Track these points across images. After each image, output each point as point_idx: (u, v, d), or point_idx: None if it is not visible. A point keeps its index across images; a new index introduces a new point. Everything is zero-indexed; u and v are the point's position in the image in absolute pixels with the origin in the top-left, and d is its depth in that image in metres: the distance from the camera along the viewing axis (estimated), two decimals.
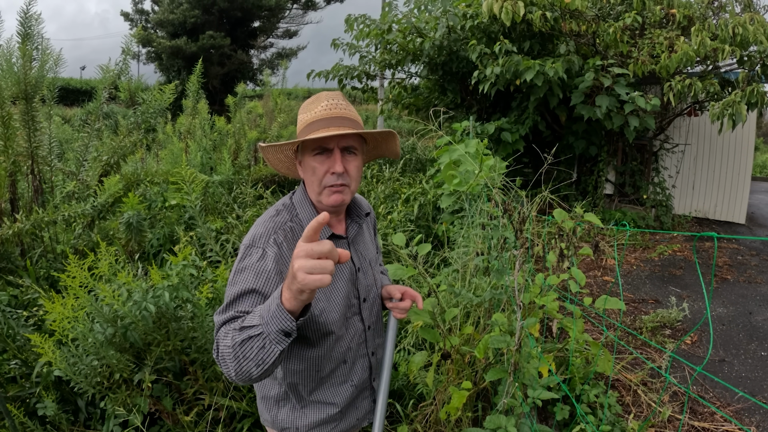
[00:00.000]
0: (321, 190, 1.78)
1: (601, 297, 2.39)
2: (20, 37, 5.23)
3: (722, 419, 3.78)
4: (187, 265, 2.93)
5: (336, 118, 1.76)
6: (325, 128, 1.73)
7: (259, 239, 1.73)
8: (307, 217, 1.83)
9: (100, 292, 2.76)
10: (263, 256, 1.69)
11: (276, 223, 1.78)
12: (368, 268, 2.02)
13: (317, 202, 1.82)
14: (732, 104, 7.20)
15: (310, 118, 1.77)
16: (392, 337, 2.05)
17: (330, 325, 1.82)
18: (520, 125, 9.59)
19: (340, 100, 1.82)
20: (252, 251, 1.71)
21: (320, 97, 1.82)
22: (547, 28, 8.96)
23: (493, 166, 3.77)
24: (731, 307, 6.05)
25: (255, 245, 1.71)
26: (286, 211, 1.85)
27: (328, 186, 1.77)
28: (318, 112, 1.77)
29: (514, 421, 2.06)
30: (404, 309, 2.03)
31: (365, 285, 1.98)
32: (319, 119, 1.75)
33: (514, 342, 2.12)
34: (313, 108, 1.79)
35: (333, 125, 1.75)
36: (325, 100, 1.79)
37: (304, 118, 1.79)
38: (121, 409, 2.90)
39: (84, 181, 5.98)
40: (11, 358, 3.30)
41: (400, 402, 3.62)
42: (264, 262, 1.68)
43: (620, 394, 4.02)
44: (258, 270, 1.66)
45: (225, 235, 5.55)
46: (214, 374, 3.35)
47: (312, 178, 1.78)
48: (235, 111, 10.93)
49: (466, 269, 3.62)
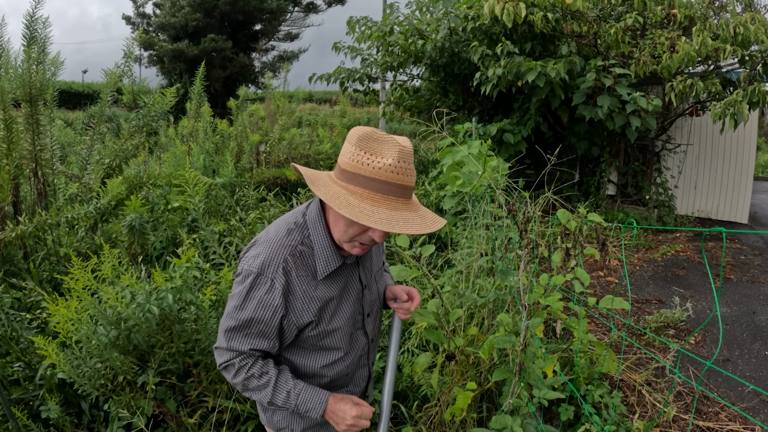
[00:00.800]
0: (348, 241, 1.65)
1: (606, 297, 2.38)
2: (25, 40, 5.23)
3: (727, 418, 3.77)
4: (191, 267, 2.93)
5: (398, 186, 1.54)
6: (388, 196, 1.53)
7: (267, 268, 1.64)
8: (319, 243, 1.70)
9: (103, 295, 2.76)
10: (271, 289, 1.65)
11: (286, 248, 1.67)
12: (373, 284, 1.98)
13: (337, 240, 1.69)
14: (734, 104, 7.19)
15: (372, 169, 1.51)
16: (396, 338, 2.05)
17: (336, 344, 1.84)
18: (522, 126, 9.58)
19: (409, 162, 1.56)
20: (259, 281, 1.65)
21: (389, 145, 1.54)
22: (548, 29, 8.96)
23: (496, 167, 3.77)
24: (735, 307, 6.03)
25: (263, 274, 1.65)
26: (298, 232, 1.71)
27: (359, 243, 1.66)
28: (381, 168, 1.51)
29: (520, 421, 2.05)
30: (408, 310, 2.01)
31: (369, 301, 1.96)
32: (380, 180, 1.52)
33: (520, 342, 2.12)
34: (379, 154, 1.53)
35: (396, 194, 1.54)
36: (392, 157, 1.52)
37: (362, 160, 1.53)
38: (125, 411, 2.89)
39: (87, 183, 5.98)
40: (15, 360, 3.30)
41: (404, 403, 3.61)
42: (272, 296, 1.66)
43: (624, 395, 4.01)
44: (266, 303, 1.66)
45: (228, 237, 5.54)
46: (218, 376, 3.35)
47: (341, 226, 1.63)
48: (237, 114, 10.93)
49: (470, 270, 3.61)
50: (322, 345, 1.81)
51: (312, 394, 1.74)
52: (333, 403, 1.75)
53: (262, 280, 1.65)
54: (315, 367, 1.85)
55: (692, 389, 4.22)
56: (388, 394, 1.97)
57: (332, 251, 1.71)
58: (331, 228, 1.70)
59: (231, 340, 1.73)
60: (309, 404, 1.73)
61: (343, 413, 1.73)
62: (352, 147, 1.55)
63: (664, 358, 4.63)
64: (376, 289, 2.00)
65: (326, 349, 1.83)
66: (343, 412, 1.73)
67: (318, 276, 1.71)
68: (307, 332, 1.76)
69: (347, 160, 1.55)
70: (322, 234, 1.71)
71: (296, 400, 1.72)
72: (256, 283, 1.66)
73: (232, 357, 1.75)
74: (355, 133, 1.58)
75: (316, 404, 1.73)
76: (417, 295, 2.04)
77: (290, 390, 1.73)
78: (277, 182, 9.46)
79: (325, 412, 1.75)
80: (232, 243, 5.39)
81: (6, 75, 5.23)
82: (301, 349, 1.84)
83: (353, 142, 1.55)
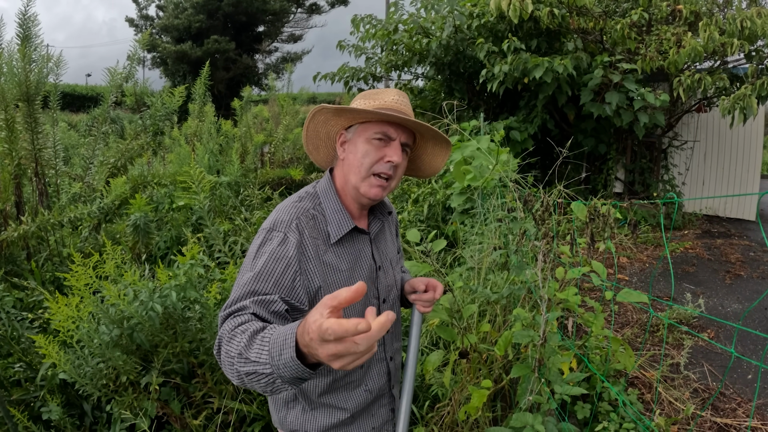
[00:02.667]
0: (367, 176, 1.70)
1: (625, 290, 2.31)
2: (19, 39, 5.18)
3: (744, 415, 3.69)
4: (195, 264, 2.85)
5: (404, 113, 1.71)
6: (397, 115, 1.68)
7: (280, 224, 1.63)
8: (331, 208, 1.74)
9: (105, 292, 2.69)
10: (284, 241, 1.60)
11: (298, 209, 1.68)
12: (389, 268, 1.93)
13: (353, 188, 1.73)
14: (743, 98, 7.12)
15: (379, 104, 1.70)
16: (416, 334, 1.96)
17: None
18: (529, 124, 9.51)
19: (407, 100, 1.77)
20: (273, 235, 1.62)
21: (388, 91, 1.75)
22: (554, 25, 8.88)
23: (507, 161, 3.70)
24: (746, 303, 5.96)
25: (276, 229, 1.62)
26: (309, 199, 1.75)
27: (377, 174, 1.70)
28: (388, 102, 1.71)
29: (541, 418, 1.97)
30: (429, 301, 1.95)
31: (385, 285, 1.88)
32: (390, 108, 1.69)
33: (539, 337, 2.04)
34: (381, 97, 1.73)
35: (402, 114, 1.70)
36: (395, 95, 1.74)
37: (369, 104, 1.72)
38: (128, 412, 2.82)
39: (90, 184, 5.93)
40: (16, 361, 3.23)
41: (415, 403, 3.53)
42: (285, 248, 1.58)
43: (640, 391, 3.93)
44: (278, 255, 1.57)
45: (233, 237, 5.49)
46: (224, 377, 3.27)
47: (361, 160, 1.69)
48: (242, 114, 10.88)
49: (482, 266, 3.53)
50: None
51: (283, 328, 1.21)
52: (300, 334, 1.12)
53: (275, 234, 1.62)
54: None
55: (708, 385, 4.14)
56: (407, 395, 1.88)
57: (344, 215, 1.74)
58: (345, 180, 1.75)
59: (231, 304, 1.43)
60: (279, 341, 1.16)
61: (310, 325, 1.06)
62: (357, 101, 1.75)
63: (679, 354, 4.54)
64: (393, 275, 1.94)
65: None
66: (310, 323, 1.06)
67: (331, 239, 1.70)
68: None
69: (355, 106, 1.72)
70: (333, 199, 1.75)
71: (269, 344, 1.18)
72: (268, 236, 1.62)
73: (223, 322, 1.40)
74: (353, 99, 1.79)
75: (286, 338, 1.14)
76: (439, 286, 1.97)
77: (263, 335, 1.24)
78: (282, 182, 9.40)
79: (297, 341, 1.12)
80: (237, 242, 5.33)
81: (3, 75, 5.18)
82: None
83: (356, 100, 1.75)
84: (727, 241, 8.90)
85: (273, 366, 1.17)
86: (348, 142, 1.74)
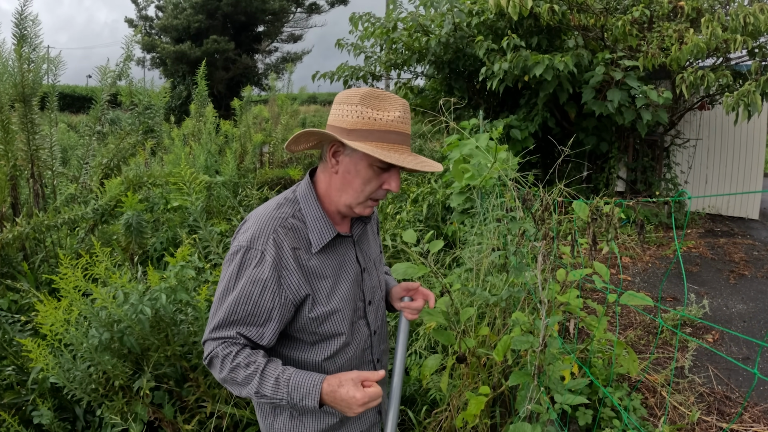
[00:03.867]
0: (363, 200, 1.66)
1: (629, 292, 2.23)
2: (15, 39, 5.13)
3: (751, 419, 3.61)
4: (186, 265, 2.79)
5: (406, 135, 1.63)
6: (400, 145, 1.60)
7: (256, 240, 1.59)
8: (312, 215, 1.68)
9: (95, 294, 2.62)
10: (261, 261, 1.57)
11: (276, 219, 1.63)
12: (373, 269, 1.90)
13: (345, 206, 1.68)
14: (747, 94, 7.04)
15: (382, 123, 1.58)
16: (404, 340, 1.94)
17: (337, 328, 1.71)
18: (530, 122, 9.43)
19: (408, 112, 1.67)
20: (250, 255, 1.58)
21: (392, 101, 1.63)
22: (554, 21, 8.79)
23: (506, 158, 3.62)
24: (751, 304, 5.88)
25: (253, 247, 1.59)
26: (288, 205, 1.69)
27: (373, 200, 1.68)
28: (392, 120, 1.59)
29: (540, 429, 1.90)
30: (416, 309, 1.94)
31: (370, 287, 1.86)
32: (394, 131, 1.59)
33: (539, 342, 1.97)
34: (386, 109, 1.60)
35: (405, 143, 1.63)
36: (399, 110, 1.61)
37: (373, 116, 1.58)
38: (118, 417, 2.76)
39: (85, 184, 5.86)
40: (9, 364, 3.17)
41: (412, 409, 3.46)
42: (261, 269, 1.57)
43: (644, 396, 3.85)
44: (255, 279, 1.57)
45: (230, 237, 5.42)
46: (217, 382, 3.21)
47: (362, 187, 1.63)
48: (242, 114, 10.81)
49: (480, 267, 3.46)
50: (322, 332, 1.70)
51: (304, 377, 1.55)
52: (331, 388, 1.54)
53: (252, 254, 1.59)
54: (316, 360, 1.73)
55: (713, 390, 4.07)
56: (395, 400, 1.85)
57: (326, 222, 1.69)
58: (338, 194, 1.68)
59: (217, 328, 1.61)
60: (302, 389, 1.53)
61: (348, 399, 1.51)
62: (357, 107, 1.59)
63: (683, 357, 4.47)
64: (377, 276, 1.92)
65: (327, 337, 1.71)
66: (348, 397, 1.51)
67: (313, 249, 1.66)
68: (305, 314, 1.66)
69: (354, 119, 1.58)
70: (314, 206, 1.70)
71: (287, 387, 1.53)
72: (245, 258, 1.59)
73: (215, 346, 1.61)
74: (352, 94, 1.62)
75: (310, 388, 1.53)
76: (429, 294, 1.98)
77: (278, 375, 1.55)
78: (281, 182, 9.34)
79: (322, 399, 1.54)
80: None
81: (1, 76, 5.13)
82: (300, 342, 1.73)
83: (356, 102, 1.59)
84: (730, 240, 8.82)
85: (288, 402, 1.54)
86: (344, 158, 1.64)
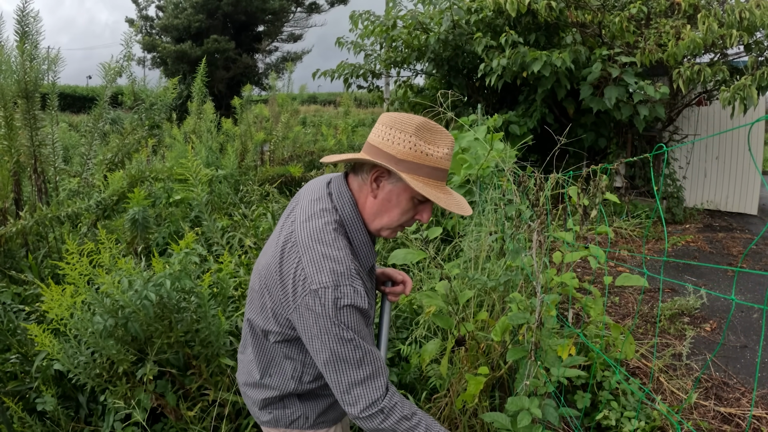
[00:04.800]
0: (396, 227, 1.69)
1: (623, 275, 2.28)
2: (18, 35, 5.17)
3: (749, 404, 3.66)
4: (190, 252, 2.83)
5: (447, 171, 1.66)
6: (441, 181, 1.63)
7: (342, 276, 1.52)
8: (359, 241, 1.68)
9: (100, 280, 2.66)
10: (356, 293, 1.54)
11: (344, 248, 1.60)
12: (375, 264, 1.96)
13: (375, 229, 1.70)
14: (743, 87, 7.10)
15: (433, 159, 1.59)
16: (387, 321, 2.01)
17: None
18: (528, 118, 9.48)
19: (453, 150, 1.68)
20: (342, 293, 1.52)
21: (443, 136, 1.62)
22: (552, 18, 8.84)
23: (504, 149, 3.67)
24: (749, 295, 5.94)
25: (341, 284, 1.52)
26: (341, 232, 1.64)
27: (402, 227, 1.72)
28: (441, 157, 1.60)
29: (538, 402, 1.94)
30: (398, 294, 2.03)
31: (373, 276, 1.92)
32: (441, 168, 1.61)
33: (534, 319, 2.01)
34: (437, 145, 1.60)
35: (444, 179, 1.66)
36: (447, 147, 1.62)
37: (426, 151, 1.58)
38: (121, 402, 2.80)
39: (88, 180, 5.91)
40: (14, 353, 3.21)
41: (412, 395, 3.50)
42: (360, 300, 1.55)
43: (642, 381, 3.90)
44: (361, 309, 1.55)
45: (231, 232, 5.47)
46: (219, 368, 3.25)
47: (399, 217, 1.65)
48: (242, 112, 10.85)
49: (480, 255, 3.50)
50: None
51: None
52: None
53: (343, 292, 1.52)
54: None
55: (711, 376, 4.11)
56: None
57: (370, 248, 1.72)
58: (372, 217, 1.68)
59: (368, 380, 1.57)
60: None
61: None
62: (411, 137, 1.57)
63: (681, 345, 4.51)
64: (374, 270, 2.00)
65: None
66: None
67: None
68: None
69: (406, 150, 1.57)
70: (362, 231, 1.69)
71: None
72: (338, 296, 1.52)
73: (378, 397, 1.57)
74: (406, 121, 1.60)
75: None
76: (409, 282, 2.04)
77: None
78: (282, 179, 9.38)
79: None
80: (234, 237, 5.31)
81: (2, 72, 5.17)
82: None
83: (411, 132, 1.57)
84: (728, 234, 8.87)
85: None
86: (387, 185, 1.64)
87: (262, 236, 5.20)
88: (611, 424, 3.16)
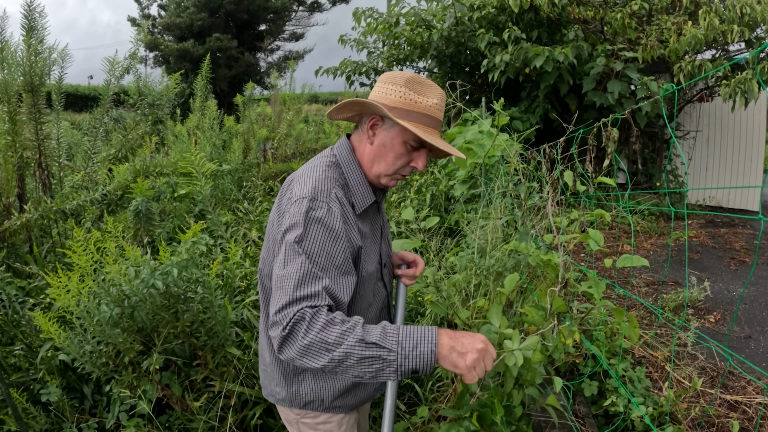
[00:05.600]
0: (392, 173, 1.75)
1: (624, 255, 2.29)
2: (24, 30, 5.19)
3: (754, 392, 3.67)
4: (197, 241, 2.83)
5: (439, 121, 1.74)
6: (433, 129, 1.71)
7: (320, 193, 1.60)
8: (354, 179, 1.75)
9: (106, 267, 2.67)
10: (329, 213, 1.57)
11: (331, 180, 1.68)
12: (388, 233, 2.01)
13: (375, 176, 1.76)
14: (744, 81, 7.11)
15: (421, 106, 1.69)
16: (402, 304, 2.03)
17: (366, 290, 1.79)
18: (531, 114, 9.49)
19: (444, 102, 1.78)
20: (315, 206, 1.57)
21: (432, 88, 1.73)
22: (554, 14, 8.86)
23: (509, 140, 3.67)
24: (752, 288, 5.96)
25: (317, 199, 1.58)
26: (334, 168, 1.74)
27: (401, 174, 1.77)
28: (430, 106, 1.70)
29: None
30: (412, 276, 2.05)
31: (386, 251, 1.96)
32: (430, 116, 1.70)
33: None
34: (426, 95, 1.71)
35: (437, 128, 1.74)
36: (437, 98, 1.72)
37: (414, 99, 1.69)
38: (127, 391, 2.80)
39: (91, 175, 5.92)
40: (18, 344, 3.22)
41: (418, 384, 3.51)
42: (331, 220, 1.56)
43: (648, 370, 3.91)
44: (327, 228, 1.55)
45: (235, 227, 5.48)
46: (225, 359, 3.25)
47: (394, 162, 1.73)
48: (245, 110, 10.87)
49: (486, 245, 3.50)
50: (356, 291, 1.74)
51: (413, 327, 1.42)
52: (448, 333, 1.42)
53: (318, 205, 1.58)
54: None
55: (716, 365, 4.12)
56: None
57: (367, 187, 1.77)
58: (369, 163, 1.76)
59: (300, 285, 1.44)
60: (417, 335, 1.39)
61: (468, 342, 1.40)
62: (401, 88, 1.69)
63: (685, 336, 4.53)
64: (389, 242, 2.03)
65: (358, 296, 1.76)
66: (468, 341, 1.41)
67: (356, 210, 1.73)
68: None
69: (397, 98, 1.68)
70: (357, 170, 1.77)
71: (397, 335, 1.38)
72: (312, 207, 1.57)
73: (301, 307, 1.41)
74: (397, 75, 1.72)
75: (425, 333, 1.39)
76: (421, 262, 2.09)
77: (384, 326, 1.41)
78: (284, 176, 9.41)
79: (439, 345, 1.38)
80: (238, 231, 5.32)
81: (8, 67, 5.18)
82: None
83: (401, 84, 1.70)
84: (731, 230, 8.88)
85: (399, 354, 1.35)
86: (381, 131, 1.73)
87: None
88: (619, 410, 3.18)
